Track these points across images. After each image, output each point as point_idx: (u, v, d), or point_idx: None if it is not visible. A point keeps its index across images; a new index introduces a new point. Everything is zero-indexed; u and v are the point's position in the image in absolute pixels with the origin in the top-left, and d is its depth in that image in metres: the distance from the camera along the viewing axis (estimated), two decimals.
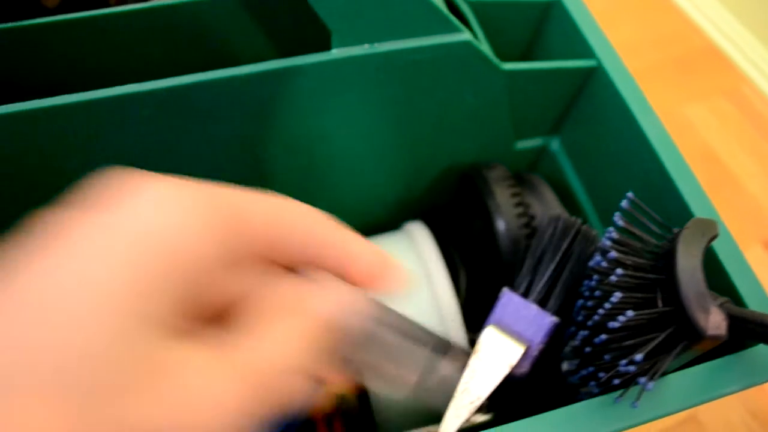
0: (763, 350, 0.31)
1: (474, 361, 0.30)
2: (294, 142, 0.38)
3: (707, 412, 0.56)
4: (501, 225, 0.39)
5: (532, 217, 0.39)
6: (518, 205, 0.39)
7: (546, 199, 0.41)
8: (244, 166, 0.39)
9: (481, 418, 0.35)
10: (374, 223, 0.48)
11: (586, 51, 0.41)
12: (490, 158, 0.44)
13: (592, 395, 0.29)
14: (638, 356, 0.24)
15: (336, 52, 0.33)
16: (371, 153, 0.42)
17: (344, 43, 0.33)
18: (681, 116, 0.79)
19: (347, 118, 0.38)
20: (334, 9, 0.32)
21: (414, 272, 0.40)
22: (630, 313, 0.24)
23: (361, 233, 0.47)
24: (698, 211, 0.35)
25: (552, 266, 0.32)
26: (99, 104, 0.31)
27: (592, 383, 0.29)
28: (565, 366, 0.34)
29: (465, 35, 0.35)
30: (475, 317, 0.38)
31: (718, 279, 0.33)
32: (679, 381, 0.29)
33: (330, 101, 0.36)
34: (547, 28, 0.46)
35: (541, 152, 0.47)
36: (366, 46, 0.35)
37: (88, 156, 0.33)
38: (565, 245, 0.32)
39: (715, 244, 0.33)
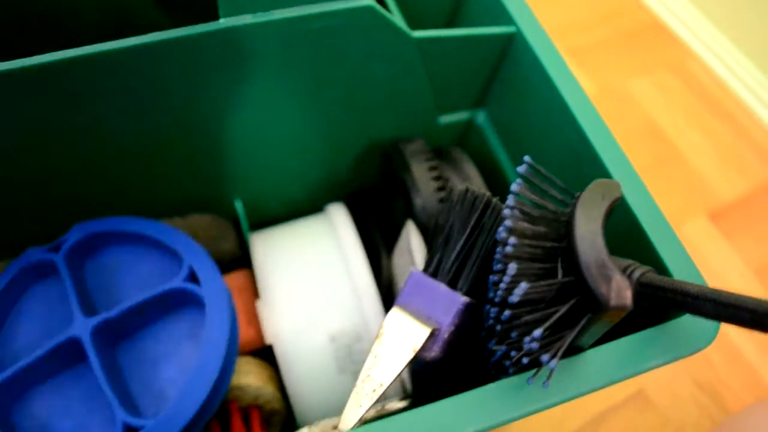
0: (688, 321, 0.29)
1: (376, 346, 0.28)
2: (191, 122, 0.35)
3: (654, 386, 0.55)
4: (418, 200, 0.37)
5: (450, 190, 0.37)
6: (436, 179, 0.37)
7: (467, 174, 0.39)
8: (141, 150, 0.36)
9: (397, 405, 0.33)
10: (296, 206, 0.45)
11: (506, 19, 0.39)
12: (412, 135, 0.42)
13: (508, 376, 0.28)
14: (537, 332, 0.22)
15: (224, 22, 0.31)
16: (280, 132, 0.39)
17: (232, 12, 0.31)
18: (626, 91, 0.77)
19: (247, 95, 0.35)
20: None
21: (332, 256, 0.37)
22: (524, 285, 0.22)
23: (283, 217, 0.44)
24: (620, 177, 0.33)
25: (461, 242, 0.29)
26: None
27: (507, 363, 0.27)
28: (490, 346, 0.32)
29: (366, 0, 0.33)
30: None
31: (645, 252, 0.31)
32: (598, 356, 0.27)
33: (222, 76, 0.33)
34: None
35: (468, 126, 0.45)
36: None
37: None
38: (473, 220, 0.29)
39: (642, 216, 0.32)
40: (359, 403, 0.27)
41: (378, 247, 0.41)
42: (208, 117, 0.36)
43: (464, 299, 0.28)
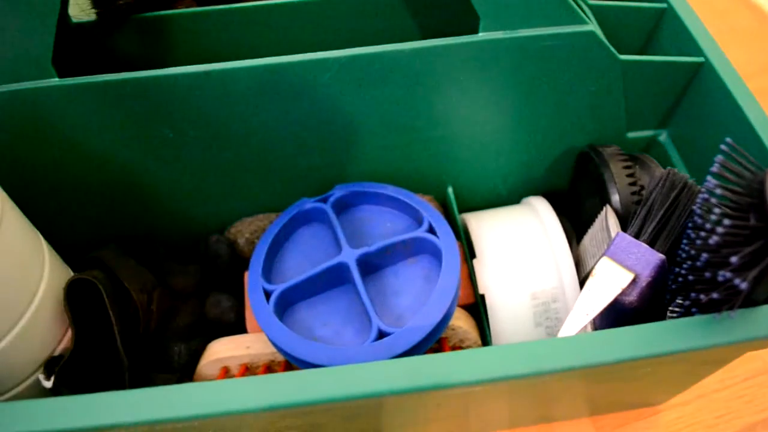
0: None
1: (590, 282, 0.36)
2: (428, 118, 0.46)
3: None
4: (615, 196, 0.44)
5: (642, 187, 0.44)
6: (630, 176, 0.44)
7: (655, 174, 0.46)
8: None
9: None
10: (497, 199, 0.54)
11: (695, 50, 0.47)
12: (604, 144, 0.50)
13: None
14: (734, 258, 0.29)
15: (482, 35, 0.41)
16: (493, 132, 0.48)
17: (489, 29, 0.41)
18: None
19: (474, 99, 0.45)
20: None
21: (535, 231, 0.46)
22: (727, 221, 0.29)
23: (486, 206, 0.53)
24: None
25: (661, 213, 0.37)
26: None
27: (694, 310, 0.34)
28: (669, 315, 0.39)
29: (590, 26, 0.42)
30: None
31: None
32: None
33: (471, 78, 0.43)
34: (659, 34, 0.52)
35: (651, 142, 0.52)
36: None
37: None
38: (673, 196, 0.37)
39: None
40: (575, 322, 0.35)
41: (568, 233, 0.49)
42: (440, 116, 0.46)
43: (662, 256, 0.36)
